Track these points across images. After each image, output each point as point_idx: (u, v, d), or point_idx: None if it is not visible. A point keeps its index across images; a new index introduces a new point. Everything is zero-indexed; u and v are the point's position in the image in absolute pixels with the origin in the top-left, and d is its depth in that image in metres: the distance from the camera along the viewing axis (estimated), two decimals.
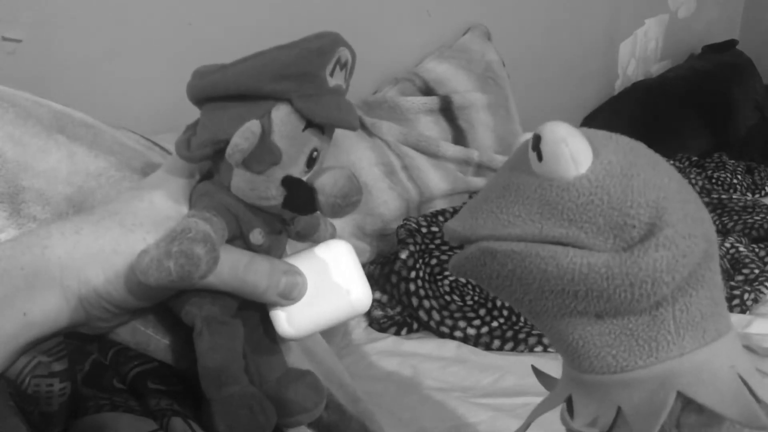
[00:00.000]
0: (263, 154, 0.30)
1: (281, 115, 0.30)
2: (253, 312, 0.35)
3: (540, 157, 0.28)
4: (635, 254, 0.27)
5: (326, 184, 0.32)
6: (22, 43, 0.79)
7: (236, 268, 0.31)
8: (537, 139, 0.28)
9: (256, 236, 0.33)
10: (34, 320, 0.30)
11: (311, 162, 0.32)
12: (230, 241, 0.32)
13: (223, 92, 0.30)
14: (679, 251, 0.27)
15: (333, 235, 0.37)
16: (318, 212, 0.35)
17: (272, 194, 0.31)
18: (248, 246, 0.33)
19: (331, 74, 0.31)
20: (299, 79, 0.30)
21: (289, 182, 0.31)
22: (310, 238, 0.37)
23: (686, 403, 0.29)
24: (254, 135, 0.29)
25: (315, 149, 0.32)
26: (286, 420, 0.35)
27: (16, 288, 0.29)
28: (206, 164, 0.34)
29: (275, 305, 0.33)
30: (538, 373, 0.37)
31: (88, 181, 0.39)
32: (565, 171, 0.28)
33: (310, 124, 0.31)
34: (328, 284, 0.34)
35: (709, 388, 0.28)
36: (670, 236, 0.27)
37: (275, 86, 0.30)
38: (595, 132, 0.30)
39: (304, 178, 0.32)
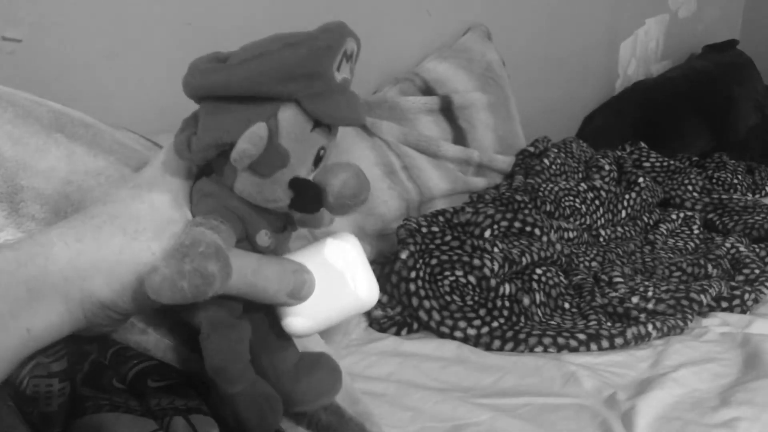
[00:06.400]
0: (271, 158, 0.29)
1: (288, 117, 0.29)
2: (259, 309, 0.34)
3: None
4: None
5: (335, 184, 0.31)
6: (22, 43, 0.79)
7: (245, 273, 0.31)
8: None
9: (263, 238, 0.32)
10: (38, 335, 0.30)
11: (318, 160, 0.31)
12: (236, 243, 0.31)
13: (227, 93, 0.29)
14: None
15: (331, 221, 0.37)
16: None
17: (279, 197, 0.30)
18: (254, 248, 0.32)
19: (338, 69, 0.30)
20: (307, 79, 0.29)
21: (297, 184, 0.30)
22: (310, 224, 0.36)
23: None
24: (262, 140, 0.28)
25: (322, 147, 0.31)
26: (308, 405, 0.35)
27: (20, 303, 0.29)
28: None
29: (284, 306, 0.33)
30: None
31: (87, 180, 0.39)
32: None
33: (318, 123, 0.30)
34: (335, 280, 0.33)
35: None
36: None
37: (282, 88, 0.29)
38: None
39: (311, 177, 0.31)
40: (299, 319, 0.33)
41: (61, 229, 0.31)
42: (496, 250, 0.94)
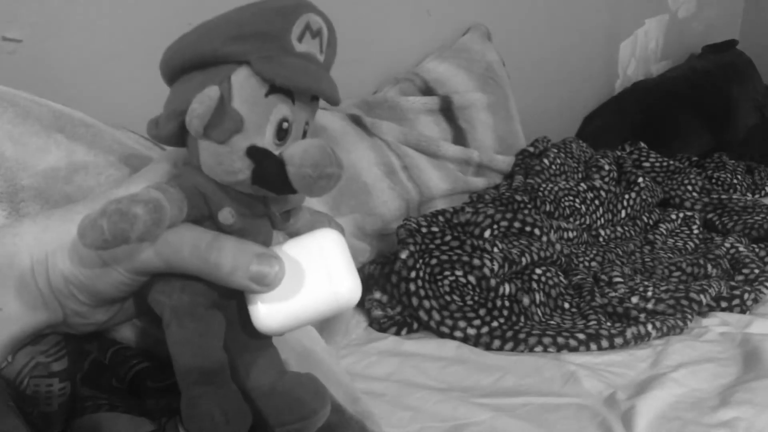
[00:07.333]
0: (223, 121, 0.28)
1: (240, 79, 0.28)
2: (238, 305, 0.32)
3: None
4: None
5: (295, 153, 0.29)
6: (22, 43, 0.79)
7: (198, 246, 0.29)
8: None
9: (225, 215, 0.30)
10: (12, 314, 0.30)
11: (282, 134, 0.29)
12: (200, 222, 0.30)
13: (182, 59, 0.29)
14: None
15: (337, 228, 0.34)
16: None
17: (238, 167, 0.29)
18: (218, 227, 0.30)
19: (300, 40, 0.29)
20: (257, 39, 0.28)
21: (254, 152, 0.29)
22: (290, 219, 0.34)
23: None
24: (211, 99, 0.28)
25: (284, 119, 0.29)
26: (280, 429, 0.32)
27: None
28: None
29: (248, 292, 0.30)
30: None
31: (87, 179, 0.39)
32: None
33: (274, 88, 0.29)
34: (313, 275, 0.31)
35: None
36: None
37: (231, 47, 0.28)
38: None
39: (276, 152, 0.29)
40: (269, 314, 0.30)
41: (39, 213, 0.32)
42: (495, 250, 0.94)
